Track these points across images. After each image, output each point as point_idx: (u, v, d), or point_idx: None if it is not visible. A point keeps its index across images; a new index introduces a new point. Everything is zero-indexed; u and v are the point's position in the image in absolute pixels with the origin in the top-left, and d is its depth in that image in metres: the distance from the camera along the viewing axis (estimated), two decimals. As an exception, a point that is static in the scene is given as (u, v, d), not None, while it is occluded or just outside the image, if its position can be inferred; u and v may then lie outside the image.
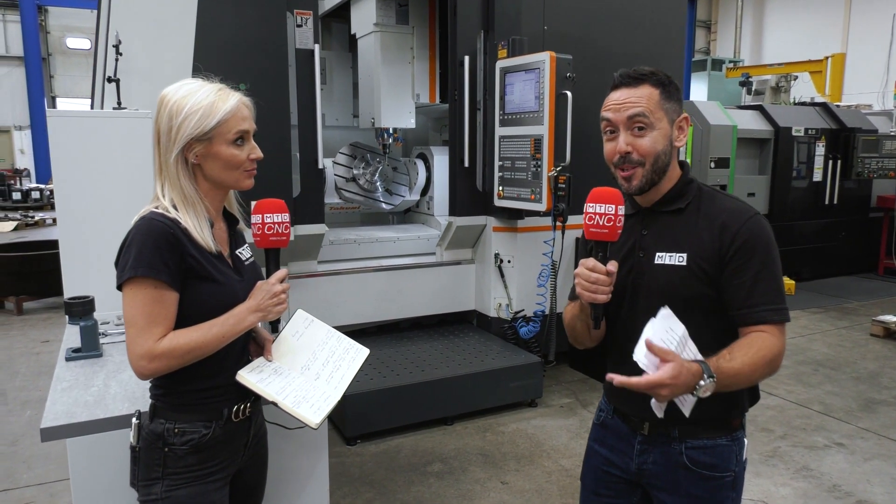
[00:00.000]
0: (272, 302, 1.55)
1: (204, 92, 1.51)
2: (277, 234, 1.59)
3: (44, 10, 18.55)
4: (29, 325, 6.20)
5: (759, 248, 1.49)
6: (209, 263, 1.52)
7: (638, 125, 1.51)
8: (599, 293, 1.47)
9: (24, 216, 13.91)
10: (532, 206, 4.11)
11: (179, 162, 1.51)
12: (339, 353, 1.64)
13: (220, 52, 3.72)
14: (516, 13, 4.30)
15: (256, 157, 1.58)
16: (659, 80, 1.53)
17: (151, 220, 1.48)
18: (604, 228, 1.46)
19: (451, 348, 4.40)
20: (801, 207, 7.92)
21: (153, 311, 1.44)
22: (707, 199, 1.58)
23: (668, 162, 1.56)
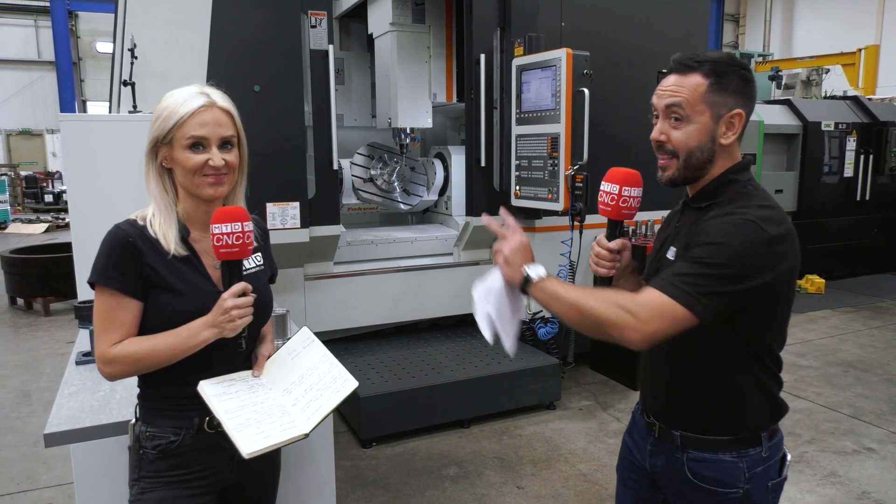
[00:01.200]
0: (224, 318, 1.46)
1: (179, 95, 1.50)
2: (227, 245, 1.44)
3: (74, 15, 18.93)
4: (56, 325, 6.31)
5: (711, 245, 1.35)
6: (171, 272, 1.50)
7: (675, 115, 1.44)
8: (601, 267, 1.57)
9: (55, 218, 14.22)
10: (549, 205, 4.04)
11: (151, 164, 1.51)
12: (326, 382, 1.58)
13: (235, 54, 3.72)
14: (533, 10, 4.23)
15: (216, 164, 1.50)
16: (713, 70, 1.42)
17: (116, 228, 1.50)
18: (608, 206, 1.54)
19: (468, 350, 4.36)
20: (831, 204, 7.71)
21: (108, 318, 1.47)
22: (728, 199, 1.45)
23: (708, 159, 1.46)
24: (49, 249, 7.53)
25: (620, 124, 4.43)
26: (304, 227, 3.97)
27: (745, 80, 1.46)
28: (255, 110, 3.76)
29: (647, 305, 1.33)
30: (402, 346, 4.45)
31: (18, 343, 5.81)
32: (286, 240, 3.94)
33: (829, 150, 7.60)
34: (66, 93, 18.10)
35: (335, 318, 4.39)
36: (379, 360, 4.16)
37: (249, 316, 1.50)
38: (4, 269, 6.95)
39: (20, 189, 17.24)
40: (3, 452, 3.71)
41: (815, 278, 7.39)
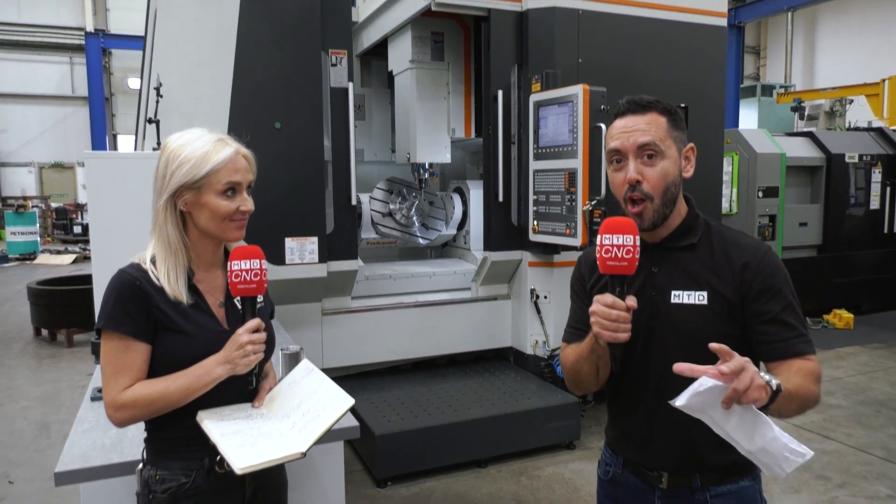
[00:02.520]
0: (238, 354, 1.48)
1: (202, 141, 1.52)
2: (245, 281, 1.50)
3: (108, 52, 19.56)
4: (77, 357, 6.38)
5: (782, 282, 1.46)
6: (179, 315, 1.51)
7: (648, 153, 1.45)
8: (621, 331, 1.36)
9: (82, 249, 14.49)
10: (567, 240, 4.02)
11: (168, 208, 1.52)
12: (323, 403, 1.57)
13: (257, 92, 3.81)
14: (550, 47, 4.27)
15: (246, 209, 1.56)
16: (665, 108, 1.49)
17: (121, 272, 1.52)
18: (622, 261, 1.35)
19: (485, 387, 4.30)
20: (857, 237, 7.57)
21: (118, 362, 1.47)
22: (718, 235, 1.52)
23: (678, 194, 1.50)
24: (75, 281, 7.65)
25: (639, 159, 4.41)
26: (322, 262, 3.99)
27: (682, 119, 1.53)
28: (275, 147, 3.83)
29: (819, 372, 1.42)
30: (418, 382, 4.41)
31: (41, 374, 5.88)
32: (304, 275, 3.96)
33: (854, 182, 7.49)
34: (97, 127, 18.60)
35: (352, 354, 4.37)
36: (395, 397, 4.12)
37: (262, 353, 1.52)
38: (31, 300, 7.08)
39: (50, 220, 17.65)
40: (20, 486, 3.72)
41: (844, 313, 7.21)
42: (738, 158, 6.90)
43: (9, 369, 6.02)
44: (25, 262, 13.59)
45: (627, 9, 4.43)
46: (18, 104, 19.31)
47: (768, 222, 6.96)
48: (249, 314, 1.53)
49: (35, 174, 19.91)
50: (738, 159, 6.90)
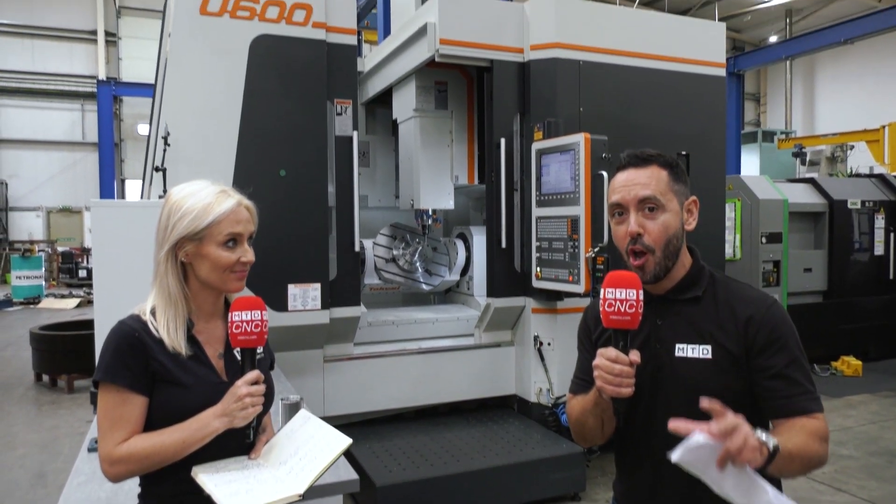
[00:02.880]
0: (236, 406, 1.46)
1: (205, 193, 1.54)
2: (246, 332, 1.49)
3: (119, 100, 19.96)
4: (77, 403, 6.32)
5: (787, 336, 1.44)
6: (178, 366, 1.50)
7: (649, 206, 1.47)
8: (624, 386, 1.36)
9: (87, 293, 14.51)
10: (570, 287, 4.01)
11: (169, 259, 1.53)
12: (321, 446, 1.55)
13: (263, 140, 3.87)
14: (551, 96, 4.34)
15: (247, 260, 1.57)
16: (667, 162, 1.51)
17: (121, 324, 1.52)
18: (625, 315, 1.35)
19: (489, 436, 4.23)
20: (863, 283, 7.53)
21: (114, 415, 1.45)
22: (722, 287, 1.53)
23: (680, 246, 1.51)
24: (77, 326, 7.64)
25: (641, 206, 4.43)
26: (324, 309, 3.99)
27: (684, 170, 1.55)
28: (279, 194, 3.87)
29: (826, 427, 1.40)
30: (420, 431, 4.35)
31: (40, 421, 5.82)
32: (307, 321, 3.95)
33: (858, 227, 7.50)
34: (106, 172, 18.83)
35: (354, 402, 4.33)
36: (397, 446, 4.05)
37: (261, 405, 1.50)
38: (33, 345, 7.05)
39: (56, 264, 17.73)
40: (14, 538, 3.64)
41: (852, 360, 7.12)
42: (740, 204, 6.93)
43: (8, 415, 5.96)
44: (29, 305, 13.60)
45: (627, 59, 4.52)
46: (30, 150, 19.63)
47: (772, 268, 6.94)
48: (249, 366, 1.52)
49: (43, 218, 20.10)
50: (741, 205, 6.93)
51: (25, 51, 19.29)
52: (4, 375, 7.51)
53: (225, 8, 3.79)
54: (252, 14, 3.83)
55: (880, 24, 13.42)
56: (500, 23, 4.37)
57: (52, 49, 19.52)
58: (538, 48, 4.37)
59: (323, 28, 3.99)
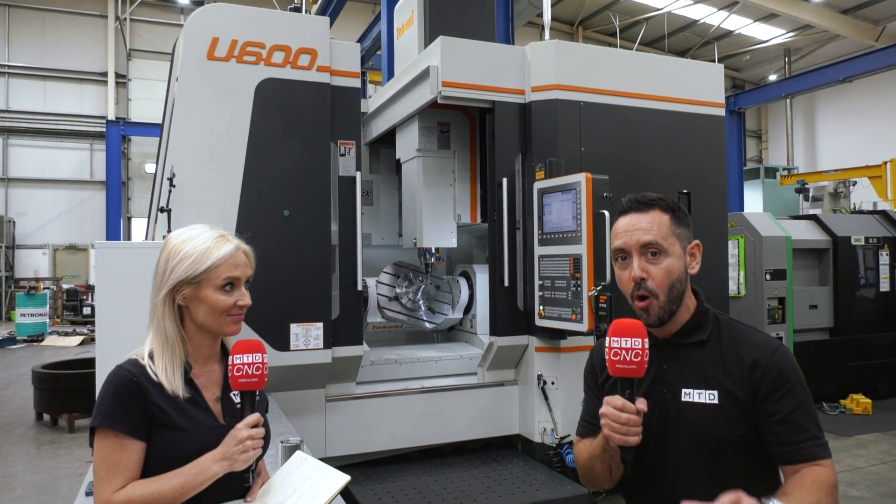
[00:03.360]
0: (237, 450, 1.45)
1: (203, 238, 1.56)
2: (246, 375, 1.49)
3: (127, 139, 20.26)
4: (77, 443, 6.26)
5: (792, 380, 1.43)
6: (177, 410, 1.50)
7: (651, 251, 1.48)
8: (631, 434, 1.36)
9: (90, 331, 14.50)
10: (573, 326, 4.00)
11: (167, 303, 1.55)
12: (318, 485, 1.53)
13: (267, 181, 3.92)
14: (553, 136, 4.40)
15: (244, 304, 1.58)
16: (668, 206, 1.52)
17: (119, 368, 1.52)
18: (631, 364, 1.36)
19: (493, 477, 4.17)
20: (870, 319, 7.48)
21: (112, 462, 1.44)
22: (727, 331, 1.52)
23: (684, 290, 1.51)
24: (79, 364, 7.61)
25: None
26: (326, 348, 3.98)
27: (687, 214, 1.56)
28: (283, 233, 3.90)
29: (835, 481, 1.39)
30: (423, 472, 4.29)
31: (39, 461, 5.76)
32: (309, 360, 3.94)
33: (863, 263, 7.48)
34: (112, 210, 19.02)
35: (356, 442, 4.28)
36: (399, 488, 4.00)
37: (261, 448, 1.49)
38: (35, 384, 7.01)
39: (61, 302, 17.77)
40: (9, 584, 3.58)
41: (861, 398, 7.03)
42: (743, 241, 6.94)
43: (7, 455, 5.90)
44: (33, 343, 13.58)
45: (627, 100, 4.58)
46: (38, 188, 19.87)
47: (778, 305, 6.91)
48: (249, 409, 1.52)
49: (49, 256, 20.22)
50: (744, 242, 6.94)
51: (38, 92, 19.69)
52: (5, 415, 7.46)
53: (232, 53, 3.88)
54: (258, 59, 3.92)
55: (877, 63, 13.62)
56: (501, 65, 4.45)
57: (63, 90, 19.92)
58: (539, 90, 4.44)
59: (327, 72, 4.08)
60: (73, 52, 19.87)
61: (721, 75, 5.02)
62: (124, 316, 2.93)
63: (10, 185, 19.55)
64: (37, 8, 19.45)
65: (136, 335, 2.86)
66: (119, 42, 19.99)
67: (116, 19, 18.88)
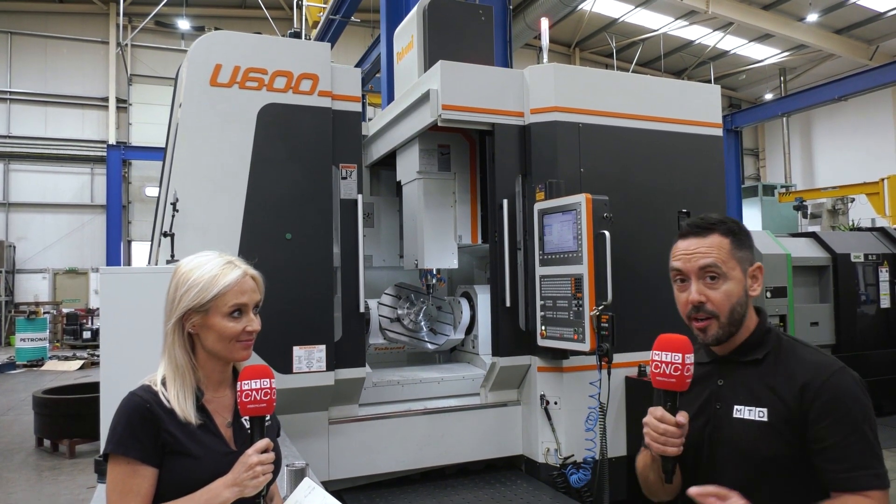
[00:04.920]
0: (247, 476, 1.46)
1: (211, 265, 1.58)
2: (255, 401, 1.51)
3: (128, 163, 20.37)
4: (79, 469, 6.23)
5: (847, 406, 1.41)
6: (188, 437, 1.51)
7: (710, 275, 1.48)
8: (669, 445, 1.39)
9: (91, 355, 14.46)
10: (575, 346, 4.00)
11: (176, 331, 1.57)
12: None
13: (269, 205, 3.94)
14: (552, 157, 4.44)
15: (253, 329, 1.60)
16: (729, 229, 1.51)
17: (132, 395, 1.53)
18: (671, 378, 1.40)
19: (497, 499, 4.15)
20: (872, 336, 7.46)
21: (124, 488, 1.45)
22: (787, 351, 1.50)
23: (745, 313, 1.51)
24: (80, 389, 7.59)
25: (644, 263, 4.48)
26: (329, 370, 3.98)
27: (748, 235, 1.55)
28: (285, 256, 3.92)
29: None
30: (427, 494, 4.26)
31: (40, 488, 5.72)
32: (311, 383, 3.94)
33: (863, 280, 7.49)
34: (113, 234, 19.07)
35: (359, 465, 4.26)
36: (404, 511, 3.97)
37: (271, 473, 1.50)
38: (35, 409, 6.99)
39: (61, 326, 17.73)
40: None
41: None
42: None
43: (7, 482, 5.86)
44: (33, 368, 13.53)
45: (625, 122, 4.64)
46: (39, 213, 19.93)
47: (779, 322, 6.91)
48: (258, 434, 1.53)
49: (49, 280, 20.22)
50: (744, 260, 6.96)
51: (39, 117, 19.85)
52: (5, 440, 7.42)
53: (234, 79, 3.93)
54: (260, 84, 3.97)
55: (872, 81, 13.75)
56: (500, 88, 4.50)
57: (64, 115, 20.08)
58: (538, 112, 4.49)
59: (329, 96, 4.13)
60: (75, 77, 20.06)
61: (718, 96, 5.08)
62: (129, 341, 2.95)
63: (10, 210, 19.61)
64: (39, 35, 19.67)
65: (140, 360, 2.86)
66: (120, 67, 20.19)
67: (118, 45, 19.09)
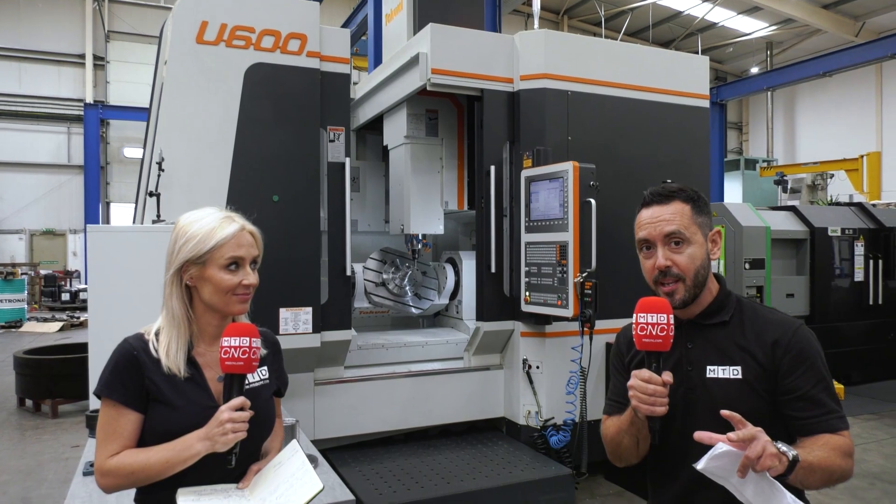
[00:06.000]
0: (218, 431, 1.47)
1: (210, 219, 1.60)
2: (233, 358, 1.49)
3: (106, 123, 19.95)
4: (62, 428, 6.24)
5: (812, 358, 1.52)
6: (171, 387, 1.54)
7: (675, 240, 1.56)
8: (658, 405, 1.45)
9: (70, 317, 14.35)
10: (559, 311, 4.08)
11: (174, 282, 1.59)
12: (295, 488, 1.56)
13: (256, 167, 3.92)
14: (540, 125, 4.45)
15: (249, 283, 1.61)
16: (689, 196, 1.59)
17: (124, 341, 1.58)
18: (657, 338, 1.46)
19: (478, 458, 4.25)
20: (844, 308, 7.67)
21: (109, 429, 1.51)
22: (750, 313, 1.60)
23: (707, 275, 1.59)
24: (61, 350, 7.55)
25: (626, 233, 4.51)
26: (315, 332, 4.02)
27: (707, 203, 1.63)
28: (272, 219, 3.91)
29: (851, 444, 1.47)
30: (411, 453, 4.36)
31: (23, 447, 5.74)
32: (297, 345, 3.97)
33: (838, 254, 7.66)
34: (91, 195, 18.77)
35: (344, 425, 4.34)
36: (387, 469, 4.06)
37: (244, 432, 1.50)
38: (17, 369, 6.96)
39: (38, 287, 17.53)
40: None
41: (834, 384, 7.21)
42: (724, 231, 7.07)
43: (-10, 441, 5.87)
44: (11, 329, 13.41)
45: (614, 90, 4.65)
46: (15, 172, 19.50)
47: (756, 293, 7.06)
48: (236, 391, 1.53)
49: (26, 241, 19.91)
50: (725, 232, 7.07)
51: (13, 74, 19.27)
52: (-14, 400, 7.40)
53: (221, 37, 3.87)
54: (247, 43, 3.92)
55: (857, 58, 13.83)
56: (490, 54, 4.48)
57: (40, 72, 19.50)
58: (528, 78, 4.49)
59: (317, 57, 4.08)
60: (51, 33, 19.45)
61: (706, 67, 5.11)
62: (116, 299, 2.96)
63: (-15, 169, 19.19)
64: (13, -13, 19.02)
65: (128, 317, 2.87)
66: (97, 24, 19.62)
67: (94, 0, 18.52)
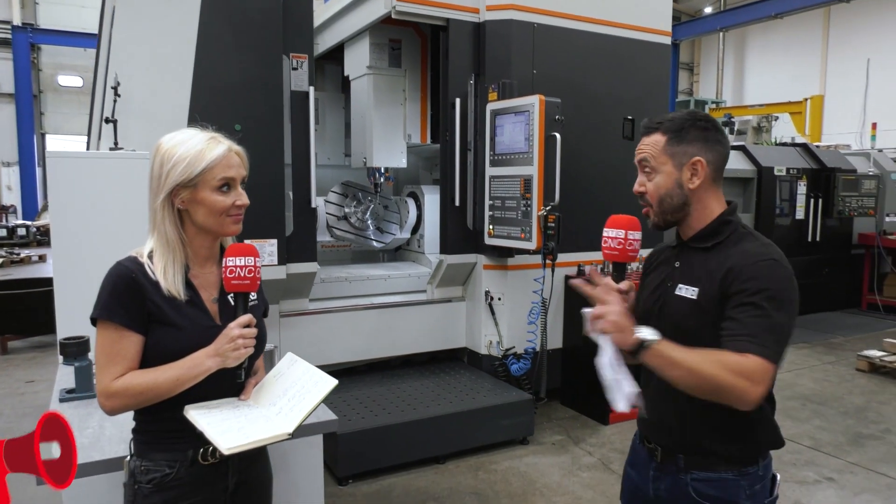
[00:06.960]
0: (228, 347, 1.53)
1: (195, 140, 1.58)
2: (239, 277, 1.55)
3: (36, 48, 18.71)
4: (13, 364, 6.12)
5: (761, 289, 1.48)
6: (172, 308, 1.56)
7: (645, 169, 1.66)
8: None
9: (9, 253, 13.80)
10: (522, 244, 4.17)
11: (166, 207, 1.57)
12: (308, 387, 1.64)
13: (217, 94, 3.79)
14: (506, 58, 4.42)
15: (242, 203, 1.62)
16: (669, 128, 1.63)
17: (118, 264, 1.57)
18: (615, 250, 1.64)
19: (441, 386, 4.40)
20: (785, 244, 7.97)
21: (111, 351, 1.52)
22: (733, 241, 1.60)
23: (681, 203, 1.63)
24: (6, 286, 7.31)
25: (590, 167, 4.63)
26: (281, 265, 4.01)
27: (704, 129, 1.64)
28: (235, 149, 3.82)
29: (756, 370, 1.41)
30: (375, 382, 4.47)
31: (-26, 382, 5.62)
32: (263, 276, 3.95)
33: (780, 194, 7.98)
34: (24, 126, 17.78)
35: (309, 356, 4.25)
36: (354, 397, 4.17)
37: (252, 347, 1.57)
38: (-39, 306, 6.72)
39: (-28, 223, 16.71)
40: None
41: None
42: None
43: (-62, 377, 5.73)
44: (-54, 266, 12.83)
45: (579, 24, 4.64)
46: (-63, 100, 18.24)
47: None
48: (242, 309, 1.58)
49: (-45, 174, 18.82)
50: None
51: (-71, -9, 17.77)
52: (-72, 337, 7.14)
53: (177, -46, 3.66)
54: (205, -39, 3.72)
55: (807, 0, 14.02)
56: (456, -18, 4.38)
57: (-40, -10, 18.04)
58: (494, 9, 4.43)
59: (278, -21, 3.92)
60: (-30, -54, 17.90)
61: (669, 3, 5.13)
62: (80, 228, 2.88)
63: None
64: None
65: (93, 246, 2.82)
66: (23, -64, 18.12)
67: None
